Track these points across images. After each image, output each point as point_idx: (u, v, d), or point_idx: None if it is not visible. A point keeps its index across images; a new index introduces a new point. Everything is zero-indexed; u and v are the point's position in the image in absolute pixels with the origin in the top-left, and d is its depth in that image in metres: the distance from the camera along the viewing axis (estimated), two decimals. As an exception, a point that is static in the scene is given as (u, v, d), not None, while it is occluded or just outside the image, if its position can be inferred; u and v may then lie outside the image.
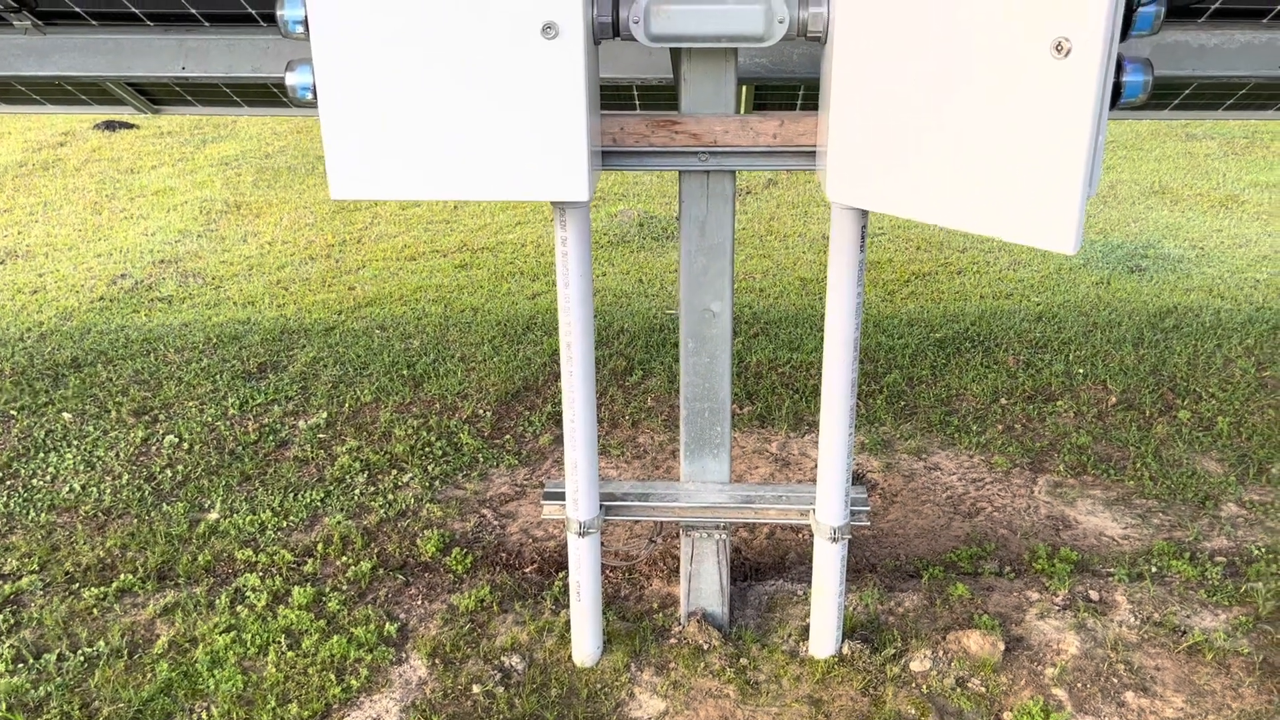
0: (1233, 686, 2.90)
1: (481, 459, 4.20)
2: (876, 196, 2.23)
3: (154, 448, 4.30)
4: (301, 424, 4.48)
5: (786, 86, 4.06)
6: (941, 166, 2.09)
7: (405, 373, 4.96)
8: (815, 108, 4.50)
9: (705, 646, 3.06)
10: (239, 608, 3.27)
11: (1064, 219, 1.93)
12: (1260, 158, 9.35)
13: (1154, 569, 3.43)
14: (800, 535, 3.66)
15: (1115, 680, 2.93)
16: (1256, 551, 3.53)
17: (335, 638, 3.11)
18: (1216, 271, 6.48)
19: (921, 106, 2.08)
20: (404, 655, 3.08)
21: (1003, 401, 4.64)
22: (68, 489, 3.99)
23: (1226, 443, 4.25)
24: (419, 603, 3.32)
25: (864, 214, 2.44)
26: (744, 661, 3.01)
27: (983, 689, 2.89)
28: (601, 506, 2.86)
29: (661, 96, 4.28)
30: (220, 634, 3.15)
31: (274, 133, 10.76)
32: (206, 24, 3.53)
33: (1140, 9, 2.11)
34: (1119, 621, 3.17)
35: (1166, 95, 4.01)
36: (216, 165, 9.49)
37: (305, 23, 2.22)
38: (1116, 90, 2.07)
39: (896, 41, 2.09)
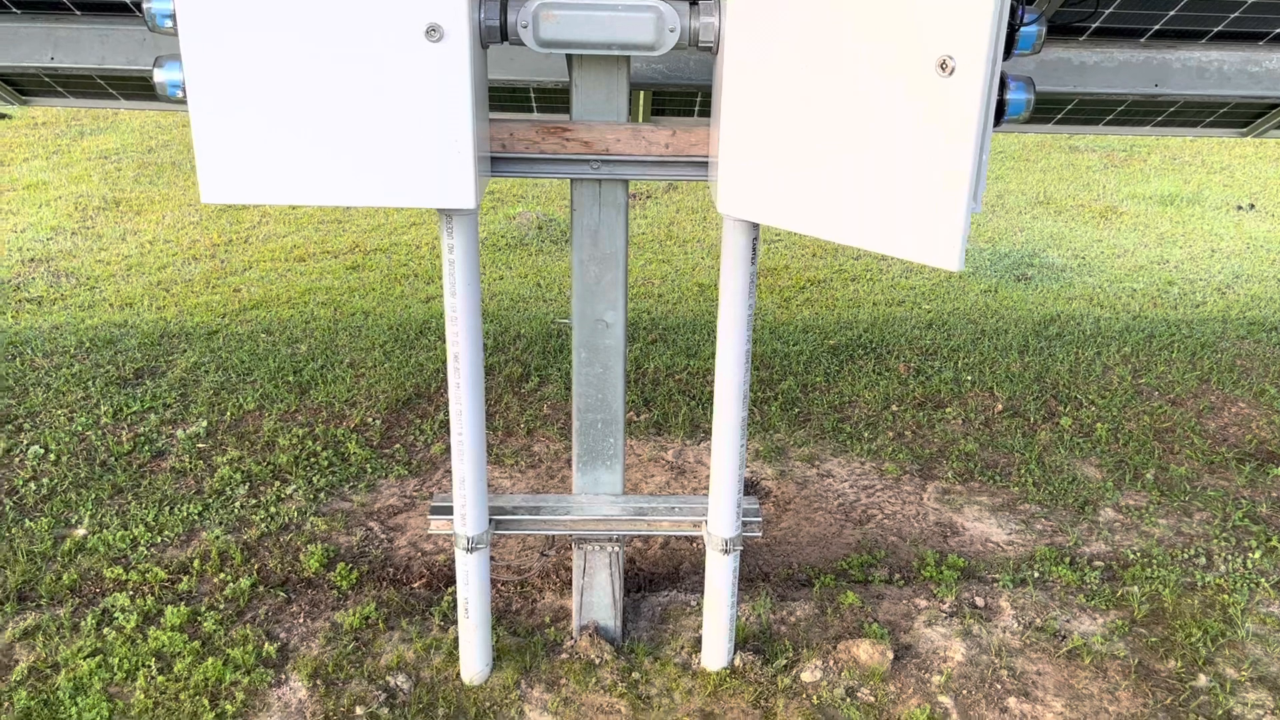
0: (1109, 690, 2.98)
1: (369, 469, 4.07)
2: (767, 210, 2.22)
3: (17, 459, 4.05)
4: (179, 433, 4.28)
5: (684, 93, 4.04)
6: (831, 182, 2.08)
7: (291, 379, 4.79)
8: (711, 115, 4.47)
9: (597, 661, 3.01)
10: (106, 630, 3.10)
11: (949, 236, 1.94)
12: (1138, 170, 9.75)
13: (1036, 574, 3.52)
14: (694, 544, 3.64)
15: (999, 686, 2.98)
16: (1132, 555, 3.65)
17: (210, 660, 2.97)
18: (1096, 281, 6.72)
19: (811, 122, 2.08)
20: (284, 676, 2.96)
21: (894, 408, 4.71)
22: (-80, 504, 3.74)
23: (1105, 449, 4.39)
24: (301, 621, 3.19)
25: (755, 226, 2.42)
26: (636, 675, 2.97)
27: (872, 698, 2.91)
28: (491, 520, 2.79)
29: (559, 100, 4.22)
30: (85, 658, 2.97)
31: (158, 126, 10.34)
32: (78, 12, 3.34)
33: (1022, 28, 2.15)
34: (1003, 628, 3.23)
35: (1050, 110, 4.12)
36: (94, 159, 9.07)
37: (174, 16, 2.10)
38: (1001, 108, 2.10)
39: (786, 56, 2.08)
